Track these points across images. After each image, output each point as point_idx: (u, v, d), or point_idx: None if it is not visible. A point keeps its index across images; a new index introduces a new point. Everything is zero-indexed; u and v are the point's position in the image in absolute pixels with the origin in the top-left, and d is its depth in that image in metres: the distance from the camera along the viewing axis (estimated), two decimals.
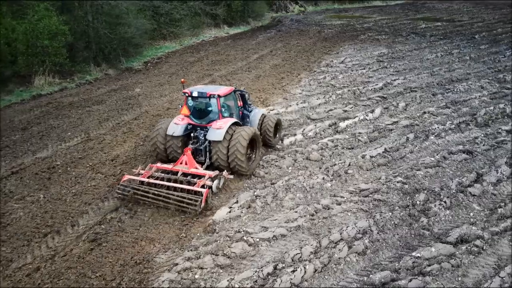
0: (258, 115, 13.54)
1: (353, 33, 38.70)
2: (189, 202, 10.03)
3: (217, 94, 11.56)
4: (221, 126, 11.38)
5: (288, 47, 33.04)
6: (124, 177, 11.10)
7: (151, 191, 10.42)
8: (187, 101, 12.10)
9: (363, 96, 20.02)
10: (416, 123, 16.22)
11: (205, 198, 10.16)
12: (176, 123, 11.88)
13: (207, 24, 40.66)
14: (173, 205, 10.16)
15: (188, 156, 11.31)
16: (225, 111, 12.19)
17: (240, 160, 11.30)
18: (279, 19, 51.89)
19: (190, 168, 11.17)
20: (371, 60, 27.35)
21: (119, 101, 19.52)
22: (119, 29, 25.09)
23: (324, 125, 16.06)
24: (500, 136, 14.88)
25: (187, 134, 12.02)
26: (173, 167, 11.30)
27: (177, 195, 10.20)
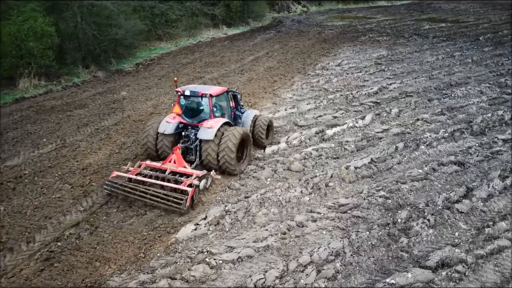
0: (250, 116, 13.59)
1: (354, 34, 37.90)
2: (174, 200, 10.03)
3: (209, 94, 11.63)
4: (212, 126, 11.49)
5: (285, 48, 32.36)
6: (113, 173, 11.20)
7: (138, 189, 10.45)
8: (179, 99, 12.18)
9: (355, 101, 19.29)
10: (408, 131, 15.47)
11: (191, 197, 10.23)
12: (167, 122, 11.99)
13: (205, 24, 40.10)
14: (159, 203, 10.15)
15: (177, 155, 11.34)
16: (216, 111, 12.27)
17: (229, 160, 11.42)
18: (280, 19, 51.18)
19: (179, 166, 11.19)
20: (368, 63, 26.58)
21: (102, 105, 18.98)
22: (108, 30, 24.55)
23: (311, 132, 15.37)
24: (495, 146, 14.09)
25: (178, 132, 12.14)
26: (161, 165, 11.30)
27: (163, 193, 10.22)
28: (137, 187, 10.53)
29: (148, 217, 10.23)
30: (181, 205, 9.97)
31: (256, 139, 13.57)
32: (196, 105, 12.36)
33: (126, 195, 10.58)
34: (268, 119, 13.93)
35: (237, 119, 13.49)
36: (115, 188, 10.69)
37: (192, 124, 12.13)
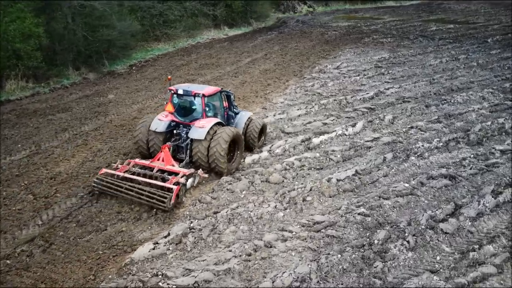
0: (244, 117, 13.56)
1: (358, 36, 37.01)
2: (159, 198, 10.01)
3: (202, 93, 11.69)
4: (203, 125, 11.53)
5: (285, 50, 31.63)
6: (101, 170, 11.31)
7: (124, 186, 10.50)
8: (172, 98, 12.27)
9: (349, 106, 18.51)
10: (400, 140, 14.66)
11: (175, 195, 10.21)
12: (159, 119, 12.09)
13: (206, 25, 39.51)
14: (144, 200, 10.18)
15: (165, 153, 11.43)
16: (209, 111, 12.29)
17: (219, 160, 11.45)
18: (284, 20, 50.45)
19: (166, 164, 11.27)
20: (368, 66, 25.73)
21: (86, 109, 18.48)
22: (100, 31, 24.07)
23: (296, 140, 14.65)
24: (492, 158, 13.22)
25: (170, 130, 12.23)
26: (149, 163, 11.40)
27: (149, 191, 10.23)
28: (124, 184, 10.52)
29: (108, 233, 9.64)
30: (165, 203, 9.93)
31: (247, 141, 13.46)
32: (188, 104, 12.34)
33: (112, 193, 10.62)
34: (261, 123, 13.84)
35: (230, 120, 13.38)
36: (103, 186, 10.74)
37: (184, 122, 12.20)
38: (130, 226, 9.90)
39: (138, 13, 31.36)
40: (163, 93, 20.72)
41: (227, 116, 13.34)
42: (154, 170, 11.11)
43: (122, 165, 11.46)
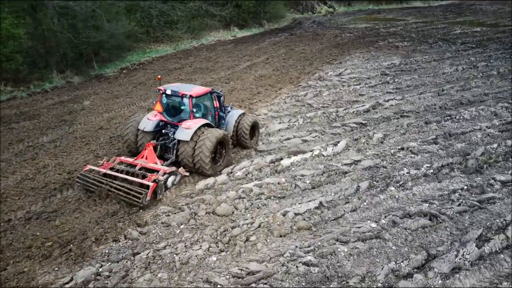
0: (235, 116, 13.57)
1: (373, 39, 34.83)
2: (135, 194, 10.22)
3: (189, 94, 11.70)
4: (190, 126, 11.59)
5: (290, 54, 29.93)
6: (86, 166, 11.60)
7: (104, 182, 10.79)
8: (162, 98, 12.36)
9: (338, 121, 16.70)
10: (383, 164, 12.77)
11: (151, 192, 10.38)
12: (148, 119, 12.28)
13: (213, 26, 38.21)
14: (122, 196, 10.38)
15: (149, 151, 11.64)
16: (197, 112, 12.33)
17: (204, 161, 11.49)
18: (300, 20, 48.69)
19: (149, 162, 11.45)
20: (374, 73, 23.70)
21: (55, 117, 17.46)
22: (87, 32, 23.10)
23: (264, 161, 13.01)
24: (489, 191, 11.20)
25: (159, 130, 12.43)
26: (133, 161, 11.61)
27: (126, 187, 10.44)
28: (104, 181, 10.84)
29: (6, 274, 8.31)
30: (140, 199, 10.14)
31: (239, 139, 13.65)
32: (177, 104, 12.43)
33: (94, 189, 10.79)
34: (252, 120, 13.73)
35: (221, 120, 13.40)
36: (85, 182, 11.04)
37: (172, 123, 12.34)
38: (35, 266, 8.56)
39: (137, 13, 30.35)
40: (142, 101, 19.50)
41: (218, 117, 13.30)
42: (137, 168, 11.30)
43: (107, 162, 11.74)
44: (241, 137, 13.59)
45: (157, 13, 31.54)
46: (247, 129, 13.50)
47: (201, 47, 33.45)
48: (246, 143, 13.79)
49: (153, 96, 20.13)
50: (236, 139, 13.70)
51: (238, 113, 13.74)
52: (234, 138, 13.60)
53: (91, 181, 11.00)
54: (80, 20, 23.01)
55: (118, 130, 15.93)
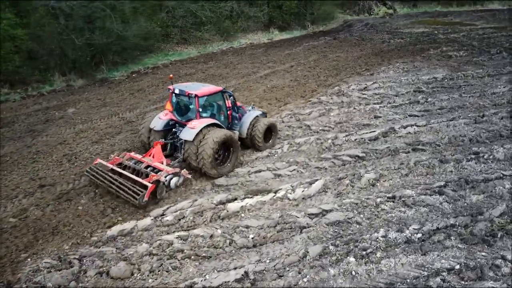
0: (250, 117, 13.37)
1: (424, 46, 30.90)
2: (133, 193, 10.20)
3: (195, 94, 11.60)
4: (195, 126, 11.53)
5: (320, 61, 27.18)
6: (96, 160, 11.96)
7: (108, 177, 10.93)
8: (172, 97, 12.52)
9: (331, 151, 13.95)
10: (357, 220, 9.95)
11: (149, 193, 10.28)
12: (159, 118, 12.50)
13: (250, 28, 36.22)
14: (122, 193, 10.44)
15: (156, 150, 11.78)
16: (205, 111, 12.19)
17: (206, 162, 11.38)
18: (352, 23, 45.25)
19: (155, 161, 11.52)
20: (406, 89, 20.33)
21: (28, 126, 16.69)
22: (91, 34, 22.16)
23: (210, 202, 10.74)
24: (489, 278, 8.04)
25: (170, 128, 12.55)
26: (141, 158, 11.73)
27: (128, 185, 10.48)
28: (109, 176, 10.95)
29: None
30: (137, 199, 10.07)
31: (253, 142, 13.40)
32: (185, 103, 12.43)
33: (98, 183, 11.03)
34: (268, 122, 13.46)
35: (234, 120, 13.19)
36: (92, 175, 11.29)
37: (181, 122, 12.37)
38: None
39: (161, 13, 29.16)
40: (128, 111, 18.06)
41: (231, 117, 13.04)
42: (142, 166, 11.35)
43: (116, 157, 11.95)
44: (255, 139, 13.31)
45: (183, 13, 30.05)
46: (261, 132, 13.20)
47: (229, 50, 31.64)
48: (260, 146, 13.51)
49: (142, 106, 18.64)
50: (250, 141, 13.39)
51: (255, 114, 13.49)
52: (248, 140, 13.40)
53: (96, 175, 11.23)
54: (85, 21, 22.05)
55: (79, 146, 14.49)
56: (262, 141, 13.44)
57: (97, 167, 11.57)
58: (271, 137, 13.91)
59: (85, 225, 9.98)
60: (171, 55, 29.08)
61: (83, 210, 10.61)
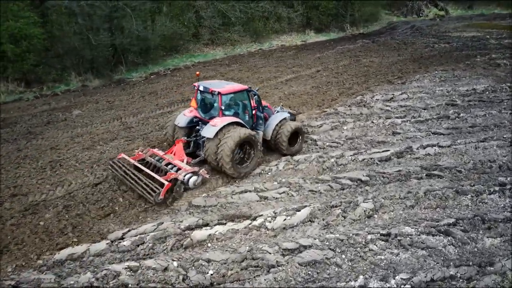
0: (276, 119, 13.06)
1: (471, 52, 28.33)
2: (150, 190, 10.28)
3: (218, 91, 11.51)
4: (216, 124, 11.46)
5: (350, 66, 25.50)
6: (120, 154, 12.15)
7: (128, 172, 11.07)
8: (197, 94, 12.48)
9: (333, 171, 12.55)
10: (337, 261, 8.54)
11: (165, 191, 10.31)
12: (184, 114, 12.53)
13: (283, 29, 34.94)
14: (139, 189, 10.55)
15: (178, 147, 11.84)
16: (228, 110, 12.03)
17: (225, 161, 11.28)
18: (396, 25, 42.81)
19: (176, 159, 11.57)
20: (438, 102, 18.35)
21: (28, 127, 16.51)
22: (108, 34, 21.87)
23: (176, 227, 9.70)
24: None
25: (193, 126, 12.53)
26: (163, 155, 11.83)
27: (146, 182, 10.57)
28: (129, 171, 11.08)
29: None
30: (153, 196, 10.17)
31: (277, 145, 13.04)
32: (209, 101, 12.41)
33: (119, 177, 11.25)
34: (294, 126, 12.99)
35: (259, 120, 12.93)
36: (114, 169, 11.48)
37: (204, 119, 12.30)
38: None
39: (188, 13, 28.55)
40: (132, 115, 17.46)
41: (256, 117, 12.80)
42: (163, 163, 11.45)
43: (139, 153, 12.04)
44: (279, 143, 12.93)
45: (212, 13, 29.28)
46: (286, 136, 12.77)
47: (257, 52, 30.54)
48: (284, 150, 13.05)
49: (147, 111, 17.99)
50: (274, 144, 13.05)
51: (281, 116, 13.18)
52: (272, 143, 13.08)
53: (119, 169, 11.35)
54: (104, 20, 21.77)
55: (69, 152, 13.99)
56: (287, 146, 12.99)
57: (119, 161, 11.68)
58: (297, 141, 13.41)
59: (37, 244, 9.26)
60: (196, 57, 28.41)
61: (43, 226, 9.92)
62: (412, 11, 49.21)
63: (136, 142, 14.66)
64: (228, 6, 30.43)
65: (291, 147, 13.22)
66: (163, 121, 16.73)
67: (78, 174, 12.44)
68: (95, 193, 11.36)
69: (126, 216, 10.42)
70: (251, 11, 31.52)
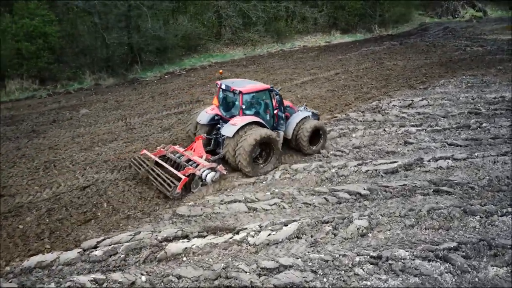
0: (297, 118, 12.93)
1: (505, 57, 26.83)
2: (167, 185, 10.58)
3: (239, 90, 11.54)
4: (236, 123, 11.50)
5: (371, 69, 24.51)
6: (142, 151, 12.43)
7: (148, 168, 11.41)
8: (219, 92, 12.49)
9: (332, 182, 11.80)
10: (316, 285, 7.82)
11: (181, 185, 10.57)
12: (206, 112, 12.60)
13: (306, 29, 34.12)
14: (157, 184, 10.86)
15: (197, 144, 11.99)
16: (249, 109, 12.02)
17: (243, 160, 11.31)
18: (428, 26, 41.20)
19: (195, 155, 11.73)
20: (460, 110, 17.20)
21: (33, 125, 16.56)
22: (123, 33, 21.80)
23: (153, 238, 9.23)
24: None
25: (215, 123, 12.58)
26: (183, 151, 12.06)
27: (164, 176, 10.89)
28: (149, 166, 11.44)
29: None
30: (170, 190, 10.47)
31: (298, 144, 12.92)
32: (231, 99, 12.38)
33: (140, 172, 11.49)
34: (315, 124, 12.83)
35: (280, 120, 12.84)
36: (135, 165, 11.82)
37: (225, 117, 12.33)
38: None
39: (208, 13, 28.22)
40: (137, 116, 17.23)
41: (277, 117, 12.71)
42: (182, 159, 11.65)
43: (161, 149, 12.36)
44: (299, 142, 12.80)
45: (233, 13, 28.81)
46: (306, 135, 12.63)
47: (277, 53, 29.88)
48: (304, 149, 12.95)
49: (154, 112, 17.74)
50: (295, 143, 12.94)
51: (303, 115, 13.07)
52: (293, 142, 12.97)
53: (140, 165, 11.66)
54: (120, 19, 21.71)
55: (66, 152, 13.87)
56: (308, 144, 12.87)
57: (142, 157, 12.03)
58: (319, 140, 13.26)
59: (10, 249, 9.01)
60: (215, 57, 28.03)
61: (21, 230, 9.69)
62: (447, 12, 47.13)
63: (134, 145, 14.38)
64: (249, 6, 29.87)
65: (313, 146, 13.09)
66: (167, 122, 16.43)
67: (69, 176, 12.22)
68: (81, 197, 11.09)
69: (107, 222, 10.05)
70: (273, 10, 30.84)
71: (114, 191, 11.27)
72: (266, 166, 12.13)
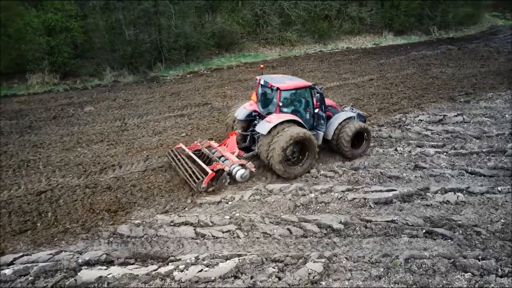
0: (339, 118, 12.27)
1: None
2: (195, 178, 10.58)
3: (277, 87, 11.20)
4: (271, 120, 11.20)
5: (412, 76, 22.11)
6: (178, 144, 12.53)
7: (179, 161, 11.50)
8: (258, 88, 12.21)
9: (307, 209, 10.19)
10: None
11: (207, 180, 10.53)
12: (244, 108, 12.39)
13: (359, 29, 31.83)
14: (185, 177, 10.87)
15: (231, 139, 11.85)
16: (286, 106, 11.68)
17: (275, 160, 10.94)
18: (499, 29, 36.82)
19: (227, 151, 11.61)
20: (501, 130, 14.78)
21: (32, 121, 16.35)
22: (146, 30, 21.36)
23: (73, 261, 8.26)
24: None
25: (252, 119, 12.28)
26: (216, 147, 12.00)
27: (193, 170, 10.88)
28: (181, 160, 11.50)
29: None
30: (196, 184, 10.45)
31: (339, 147, 12.25)
32: (269, 96, 12.08)
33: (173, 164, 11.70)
34: (359, 126, 12.10)
35: (320, 120, 12.20)
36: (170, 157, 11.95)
37: (262, 114, 12.06)
38: None
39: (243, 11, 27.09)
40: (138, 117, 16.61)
41: (317, 116, 12.12)
42: (215, 154, 11.68)
43: (197, 144, 12.35)
44: (341, 144, 12.12)
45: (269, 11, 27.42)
46: (348, 137, 11.91)
47: (314, 55, 28.04)
48: (346, 152, 12.23)
49: (155, 113, 17.01)
50: (336, 145, 12.28)
51: (347, 115, 12.39)
52: (334, 143, 12.31)
53: (173, 158, 11.77)
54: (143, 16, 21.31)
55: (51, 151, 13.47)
56: (349, 147, 12.11)
57: (177, 150, 12.07)
58: (362, 143, 12.47)
59: None
60: (246, 57, 26.82)
61: None
62: None
63: (116, 148, 13.62)
64: (289, 4, 28.27)
65: (355, 150, 12.32)
66: (162, 126, 15.63)
67: (34, 178, 11.68)
68: (32, 203, 10.45)
69: (42, 235, 9.28)
70: (315, 9, 28.96)
71: (67, 200, 10.51)
72: (299, 167, 11.57)
